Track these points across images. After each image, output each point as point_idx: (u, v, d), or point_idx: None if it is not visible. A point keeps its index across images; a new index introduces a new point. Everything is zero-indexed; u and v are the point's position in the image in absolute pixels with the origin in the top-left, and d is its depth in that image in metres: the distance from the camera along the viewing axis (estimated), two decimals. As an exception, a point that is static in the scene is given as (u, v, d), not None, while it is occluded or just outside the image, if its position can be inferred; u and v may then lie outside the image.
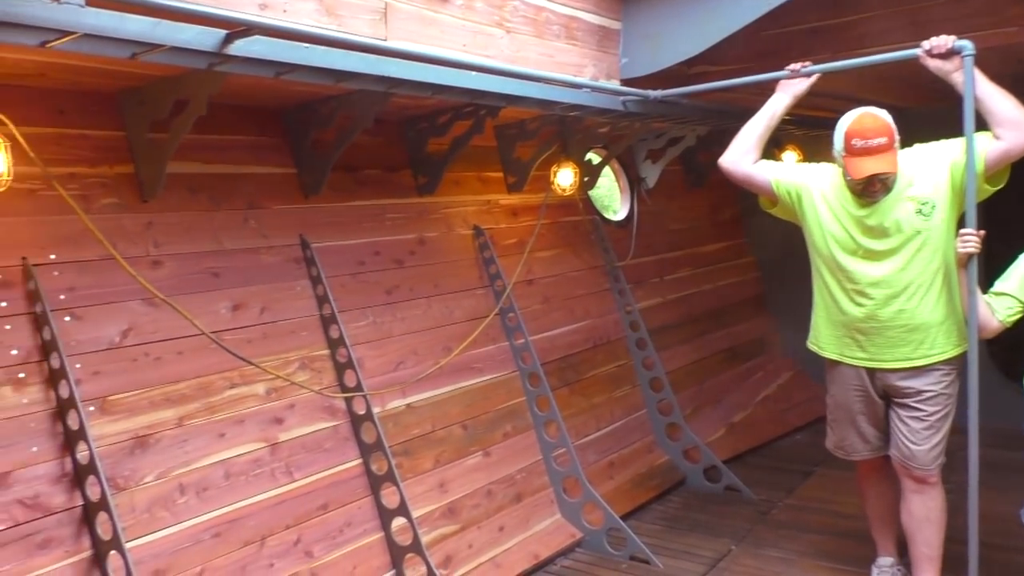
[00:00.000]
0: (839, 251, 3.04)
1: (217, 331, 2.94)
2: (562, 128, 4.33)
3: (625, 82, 3.69)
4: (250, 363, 2.94)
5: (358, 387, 3.28)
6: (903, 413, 3.08)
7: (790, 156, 5.71)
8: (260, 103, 3.28)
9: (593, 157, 5.18)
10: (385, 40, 2.56)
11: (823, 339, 3.23)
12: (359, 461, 3.28)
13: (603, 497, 3.99)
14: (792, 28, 3.82)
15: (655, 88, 3.67)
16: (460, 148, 3.85)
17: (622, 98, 3.62)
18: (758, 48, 3.86)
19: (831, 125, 4.99)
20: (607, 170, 5.22)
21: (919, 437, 3.05)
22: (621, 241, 5.27)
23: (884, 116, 2.89)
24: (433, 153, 3.95)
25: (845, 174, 2.95)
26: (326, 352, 3.32)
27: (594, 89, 3.40)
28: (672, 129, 5.11)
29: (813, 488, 4.76)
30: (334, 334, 3.32)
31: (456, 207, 4.17)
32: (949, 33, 2.99)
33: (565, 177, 4.35)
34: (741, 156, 3.18)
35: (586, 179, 5.03)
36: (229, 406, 2.93)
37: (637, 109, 3.69)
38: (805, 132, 5.62)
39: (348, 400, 3.31)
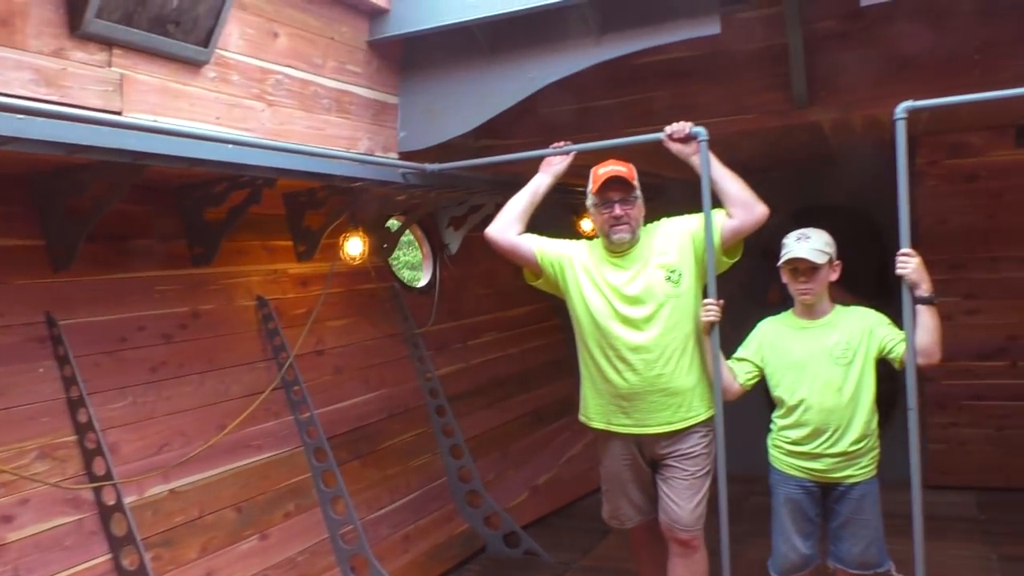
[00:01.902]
0: (600, 320, 3.18)
1: (-68, 422, 2.63)
2: (351, 197, 4.31)
3: (405, 155, 3.73)
4: (-35, 458, 2.65)
5: (108, 475, 3.03)
6: (667, 474, 3.23)
7: (588, 224, 5.98)
8: (2, 169, 3.03)
9: (393, 224, 5.21)
10: (120, 112, 2.44)
11: (591, 410, 3.34)
12: (108, 557, 3.02)
13: (397, 572, 3.90)
14: (572, 107, 4.05)
15: (441, 160, 3.73)
16: (238, 218, 3.73)
17: (400, 170, 3.65)
18: (540, 124, 4.06)
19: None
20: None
21: (682, 496, 3.19)
22: (424, 308, 5.27)
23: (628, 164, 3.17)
24: (211, 222, 3.80)
25: (592, 204, 3.18)
26: (72, 438, 3.06)
27: (366, 162, 3.40)
28: (472, 197, 5.23)
29: (609, 547, 4.86)
30: (82, 418, 3.07)
31: (238, 278, 4.01)
32: (706, 116, 3.27)
33: (354, 246, 4.32)
34: (505, 228, 3.27)
35: (384, 246, 5.04)
36: (-59, 508, 2.62)
37: (417, 181, 3.74)
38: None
39: (97, 490, 3.05)
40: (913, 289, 2.85)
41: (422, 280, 5.59)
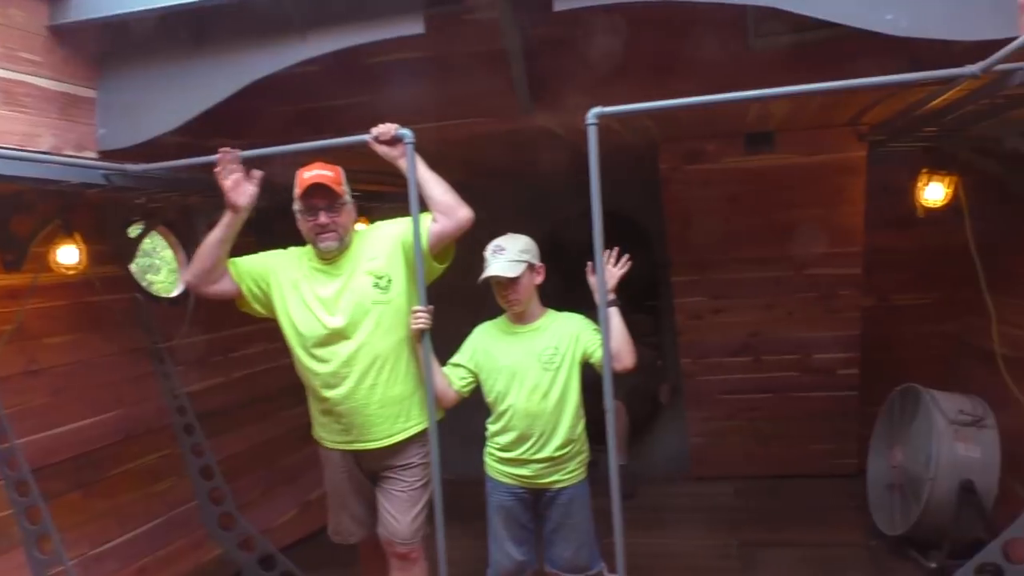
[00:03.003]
0: (308, 332, 3.04)
1: None
2: (64, 200, 3.90)
3: (107, 154, 3.41)
4: None
5: None
6: (385, 487, 3.14)
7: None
8: None
9: (136, 229, 4.81)
10: None
11: (316, 426, 3.20)
12: None
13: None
14: (304, 106, 3.87)
15: (164, 159, 3.43)
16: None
17: (101, 171, 3.33)
18: (272, 123, 3.85)
19: (390, 199, 5.15)
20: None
21: (399, 509, 3.10)
22: (177, 319, 4.90)
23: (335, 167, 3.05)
24: None
25: (297, 211, 3.03)
26: None
27: (49, 162, 3.06)
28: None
29: (372, 562, 4.71)
30: None
31: (-81, 292, 3.53)
32: (437, 119, 3.19)
33: (68, 254, 3.91)
34: (200, 279, 3.04)
35: (124, 253, 4.64)
36: None
37: (124, 183, 3.42)
38: (373, 205, 5.81)
39: None
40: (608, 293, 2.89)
41: (176, 289, 5.20)
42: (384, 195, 5.89)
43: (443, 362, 3.14)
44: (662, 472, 5.99)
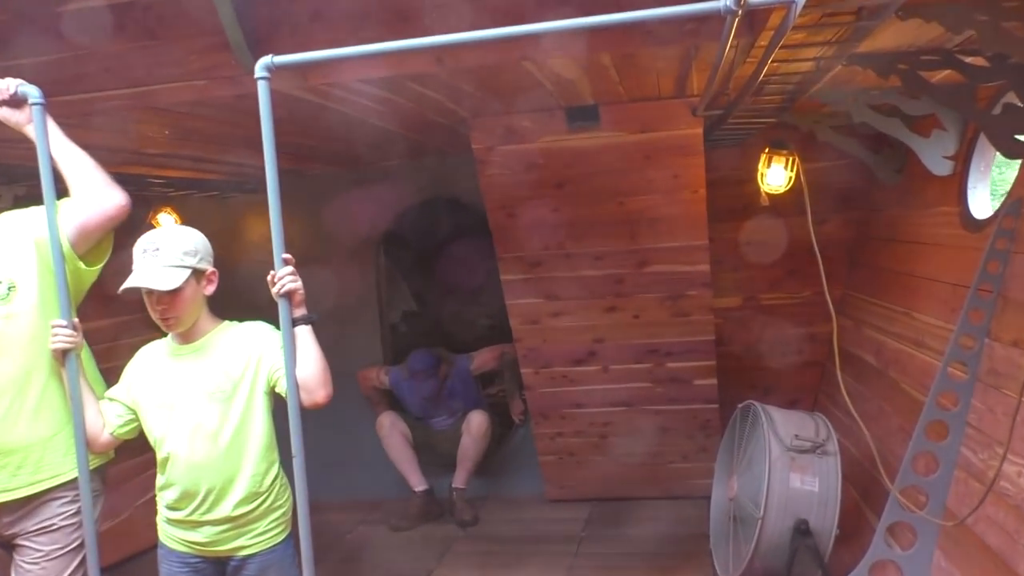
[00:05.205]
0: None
1: None
2: None
3: None
4: None
5: None
6: (16, 558, 2.43)
7: (167, 219, 5.08)
8: None
9: None
10: None
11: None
12: None
13: None
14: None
15: None
16: None
17: None
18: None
19: (203, 186, 4.43)
20: None
21: (38, 584, 2.38)
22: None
23: None
24: None
25: None
26: None
27: None
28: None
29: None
30: None
31: None
32: (151, 81, 2.66)
33: None
34: None
35: None
36: None
37: None
38: (183, 193, 5.09)
39: None
40: (293, 308, 2.21)
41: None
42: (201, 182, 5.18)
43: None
44: (518, 494, 5.36)
